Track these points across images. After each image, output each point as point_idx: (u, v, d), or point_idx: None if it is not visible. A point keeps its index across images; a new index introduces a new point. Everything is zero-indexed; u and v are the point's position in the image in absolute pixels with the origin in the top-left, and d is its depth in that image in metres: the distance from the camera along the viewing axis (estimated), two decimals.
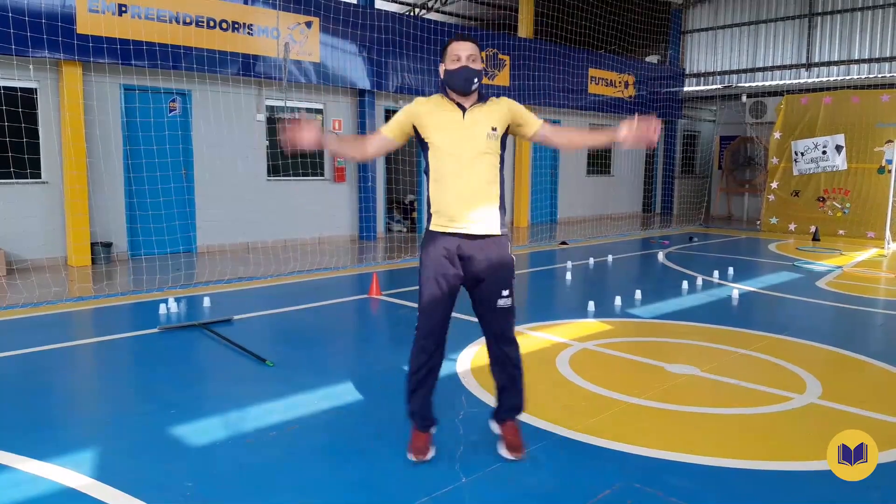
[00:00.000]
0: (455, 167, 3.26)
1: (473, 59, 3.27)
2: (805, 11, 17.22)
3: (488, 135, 3.28)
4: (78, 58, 8.71)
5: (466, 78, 3.25)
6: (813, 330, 6.26)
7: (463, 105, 3.31)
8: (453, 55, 3.27)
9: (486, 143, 3.28)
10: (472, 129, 3.28)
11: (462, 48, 3.27)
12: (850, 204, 14.06)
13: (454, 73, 3.26)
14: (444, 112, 3.31)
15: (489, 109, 3.34)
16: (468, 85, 3.26)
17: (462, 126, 3.28)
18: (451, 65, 3.27)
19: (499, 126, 3.32)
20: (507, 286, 3.39)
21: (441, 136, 3.29)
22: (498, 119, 3.33)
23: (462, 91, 3.28)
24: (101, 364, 5.33)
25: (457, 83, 3.26)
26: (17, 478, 3.23)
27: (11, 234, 8.67)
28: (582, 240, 12.99)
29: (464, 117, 3.29)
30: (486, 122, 3.30)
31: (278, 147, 11.08)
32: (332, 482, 3.24)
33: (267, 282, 8.26)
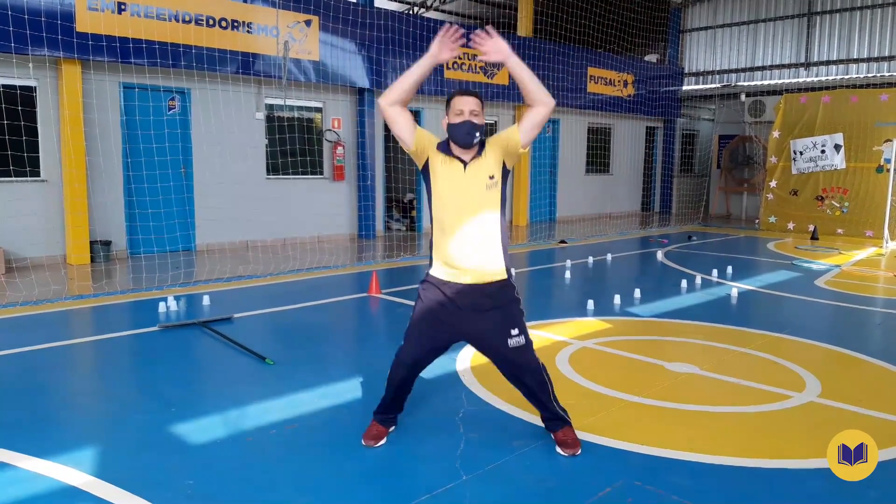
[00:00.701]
0: (457, 220, 3.33)
1: (475, 114, 3.33)
2: (804, 11, 17.23)
3: (487, 186, 3.35)
4: (77, 56, 8.70)
5: (468, 132, 3.30)
6: (812, 328, 6.28)
7: (464, 159, 3.36)
8: (456, 109, 3.33)
9: (486, 194, 3.35)
10: (472, 182, 3.35)
11: (464, 103, 3.33)
12: (849, 203, 14.08)
13: (457, 126, 3.32)
14: (448, 165, 3.37)
15: (485, 159, 3.38)
16: (470, 139, 3.31)
17: (463, 180, 3.35)
18: (455, 118, 3.33)
19: (496, 172, 3.38)
20: (515, 324, 3.40)
21: (444, 188, 3.37)
22: (494, 164, 3.39)
23: (464, 144, 3.34)
24: (100, 362, 5.33)
25: (460, 137, 3.32)
26: (18, 475, 3.24)
27: (11, 232, 8.66)
28: (581, 238, 13.00)
29: (465, 171, 3.35)
30: (484, 173, 3.36)
31: (287, 143, 11.09)
32: (331, 480, 3.24)
33: (266, 280, 8.26)
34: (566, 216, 16.66)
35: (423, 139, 3.40)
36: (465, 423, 3.88)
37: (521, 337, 3.41)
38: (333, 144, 11.95)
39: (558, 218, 16.52)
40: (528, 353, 3.45)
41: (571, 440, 3.50)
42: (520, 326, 3.42)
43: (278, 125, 11.20)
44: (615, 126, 17.77)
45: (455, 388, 4.46)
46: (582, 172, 17.16)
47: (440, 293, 3.39)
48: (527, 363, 3.46)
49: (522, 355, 3.43)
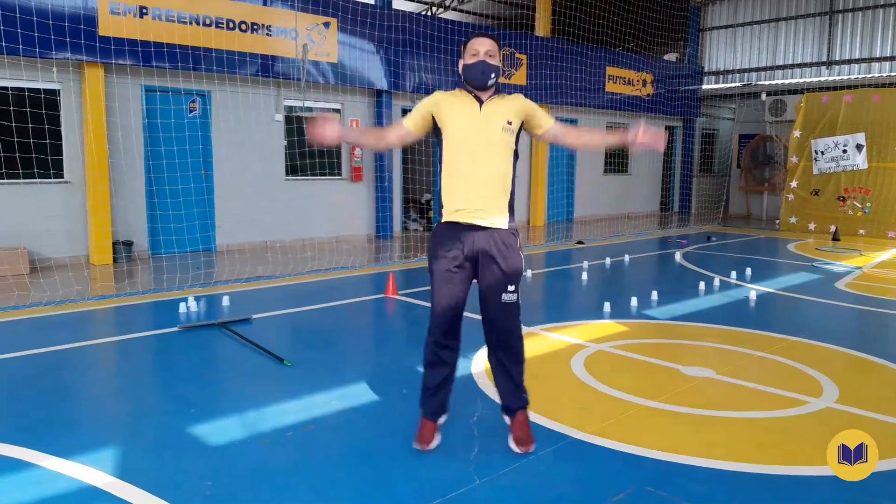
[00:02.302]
0: (469, 157, 3.32)
1: (491, 55, 3.32)
2: (826, 9, 17.03)
3: (503, 128, 3.34)
4: (100, 59, 8.84)
5: (483, 71, 3.31)
6: (831, 332, 6.22)
7: (480, 98, 3.37)
8: (472, 50, 3.34)
9: (501, 135, 3.34)
10: (488, 121, 3.34)
11: (481, 44, 3.33)
12: (871, 203, 13.91)
13: (472, 66, 3.33)
14: (461, 104, 3.37)
15: (505, 104, 3.39)
16: (485, 78, 3.32)
17: (478, 118, 3.34)
18: (470, 59, 3.34)
19: (514, 120, 3.38)
20: (512, 281, 3.40)
21: (457, 127, 3.35)
22: (514, 113, 3.39)
23: (479, 85, 3.34)
24: (122, 363, 5.42)
25: (474, 76, 3.32)
26: (41, 475, 3.31)
27: (35, 233, 8.82)
28: (598, 239, 12.96)
29: (480, 109, 3.35)
30: (502, 116, 3.35)
31: (306, 145, 11.18)
32: (347, 483, 3.28)
33: (285, 281, 8.34)
34: (584, 216, 16.62)
35: (419, 118, 3.42)
36: (480, 427, 3.90)
37: (514, 295, 3.40)
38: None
39: (576, 218, 16.48)
40: (515, 314, 3.44)
41: (525, 435, 3.50)
42: (516, 285, 3.41)
43: (297, 126, 11.28)
44: (634, 126, 17.64)
45: (470, 392, 4.48)
46: (600, 172, 17.10)
47: (450, 240, 3.36)
48: (512, 323, 3.44)
49: (511, 313, 3.42)
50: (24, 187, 8.76)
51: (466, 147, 3.32)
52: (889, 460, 3.47)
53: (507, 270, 3.37)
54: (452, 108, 3.38)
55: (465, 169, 3.32)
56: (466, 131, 3.33)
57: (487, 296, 3.42)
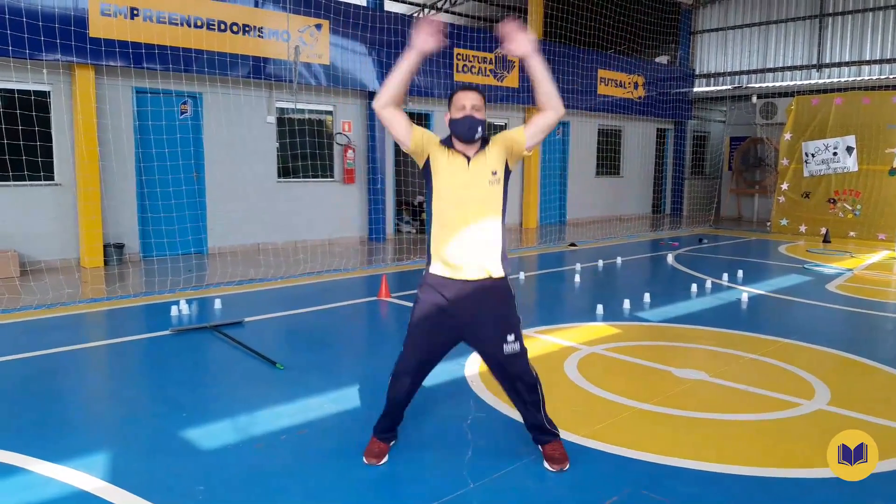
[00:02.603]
0: (459, 216, 3.30)
1: (477, 109, 3.30)
2: (816, 12, 17.14)
3: (490, 181, 3.33)
4: (90, 61, 8.80)
5: (470, 126, 3.29)
6: (822, 334, 6.25)
7: (467, 154, 3.35)
8: (458, 104, 3.32)
9: (488, 189, 3.33)
10: (475, 177, 3.32)
11: (466, 98, 3.31)
12: (861, 206, 14.00)
13: (459, 121, 3.30)
14: (450, 161, 3.35)
15: (489, 154, 3.36)
16: (472, 133, 3.30)
17: (466, 175, 3.32)
18: (456, 114, 3.31)
19: (499, 168, 3.36)
20: (511, 329, 3.37)
21: (446, 184, 3.34)
22: (496, 160, 3.36)
23: (466, 139, 3.32)
24: (113, 366, 5.39)
25: (461, 131, 3.30)
26: (31, 480, 3.29)
27: (25, 235, 8.76)
28: (591, 241, 12.99)
29: (468, 166, 3.33)
30: (487, 169, 3.34)
31: (298, 147, 11.14)
32: (340, 486, 3.27)
33: (277, 283, 8.31)
34: (576, 219, 16.65)
35: (421, 137, 3.38)
36: (473, 431, 3.90)
37: (516, 344, 3.38)
38: (344, 147, 12.00)
39: (568, 220, 16.51)
40: (521, 361, 3.41)
41: (560, 455, 3.46)
42: (516, 333, 3.39)
43: (289, 129, 11.26)
44: (626, 128, 17.74)
45: (463, 395, 4.48)
46: (592, 175, 17.13)
47: (438, 294, 3.35)
48: (520, 371, 3.41)
49: (516, 363, 3.39)
50: (14, 190, 8.70)
51: (455, 205, 3.31)
52: (883, 462, 3.48)
53: (501, 323, 3.36)
54: (443, 162, 3.35)
55: (455, 226, 3.30)
56: (455, 190, 3.32)
57: (488, 351, 3.41)
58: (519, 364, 3.40)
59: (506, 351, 3.36)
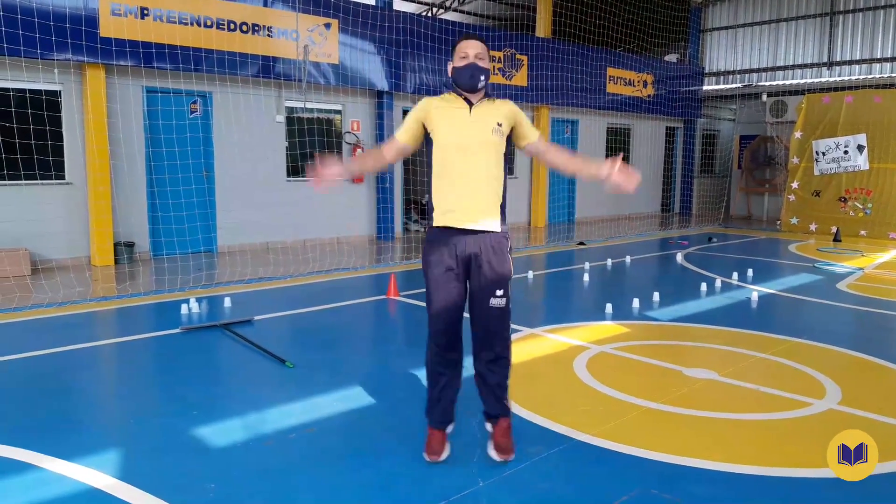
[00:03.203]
0: (459, 160, 3.29)
1: (481, 58, 3.31)
2: (826, 10, 17.03)
3: (493, 129, 3.32)
4: (101, 60, 8.84)
5: (472, 74, 3.29)
6: (833, 333, 6.22)
7: (470, 101, 3.36)
8: (461, 53, 3.33)
9: (491, 137, 3.31)
10: (478, 123, 3.32)
11: (470, 46, 3.32)
12: (872, 204, 13.91)
13: (461, 69, 3.31)
14: (451, 108, 3.36)
15: (495, 107, 3.38)
16: (474, 81, 3.31)
17: (468, 120, 3.33)
18: (459, 62, 3.33)
19: (504, 122, 3.36)
20: (501, 286, 3.36)
21: (447, 131, 3.33)
22: (504, 116, 3.37)
23: (469, 88, 3.33)
24: (123, 364, 5.42)
25: (463, 79, 3.31)
26: (43, 477, 3.31)
27: (36, 234, 8.82)
28: (600, 240, 12.96)
29: (471, 112, 3.33)
30: (492, 118, 3.33)
31: (307, 146, 11.17)
32: (349, 485, 3.28)
33: (286, 282, 8.34)
34: (585, 217, 16.62)
35: (411, 131, 3.40)
36: (482, 430, 3.89)
37: (503, 299, 3.36)
38: (353, 146, 12.01)
39: (577, 219, 16.48)
40: (503, 320, 3.39)
41: (506, 443, 3.44)
42: (505, 289, 3.36)
43: (298, 128, 11.28)
44: (635, 126, 17.68)
45: (472, 393, 4.46)
46: None
47: (443, 245, 3.33)
48: (499, 329, 3.38)
49: (499, 318, 3.37)
50: (25, 188, 8.76)
51: (457, 150, 3.30)
52: (893, 462, 3.47)
53: (495, 275, 3.34)
54: (442, 112, 3.35)
55: (456, 172, 3.30)
56: (457, 135, 3.31)
57: (476, 300, 3.39)
58: (500, 321, 3.38)
59: (491, 303, 3.34)
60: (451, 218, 3.31)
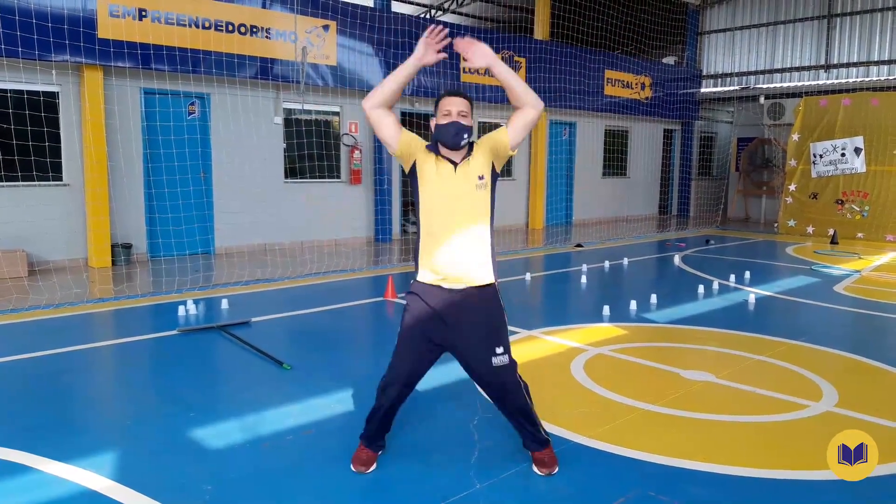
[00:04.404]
0: (445, 222, 3.24)
1: (464, 115, 3.25)
2: (824, 12, 17.07)
3: (477, 186, 3.28)
4: (99, 62, 8.84)
5: (456, 133, 3.23)
6: (830, 336, 6.23)
7: (454, 160, 3.29)
8: (444, 109, 3.26)
9: (475, 195, 3.27)
10: (462, 183, 3.26)
11: (453, 104, 3.26)
12: (869, 207, 13.94)
13: (444, 127, 3.24)
14: (437, 168, 3.28)
15: (475, 159, 3.31)
16: (458, 140, 3.24)
17: (453, 182, 3.26)
18: (442, 119, 3.25)
19: (485, 172, 3.30)
20: (500, 342, 3.30)
21: (434, 190, 3.27)
22: (483, 164, 3.31)
23: (452, 146, 3.26)
24: (121, 366, 5.41)
25: (447, 138, 3.24)
26: (40, 479, 3.30)
27: (33, 235, 8.80)
28: (597, 242, 12.97)
29: (455, 172, 3.27)
30: (474, 173, 3.28)
31: (305, 148, 11.17)
32: (347, 486, 3.28)
33: (284, 284, 8.33)
34: (582, 219, 16.63)
35: (408, 141, 3.31)
36: (480, 431, 3.90)
37: (505, 356, 3.29)
38: (350, 148, 12.02)
39: (575, 221, 16.49)
40: (510, 374, 3.34)
41: (549, 459, 3.41)
42: (504, 345, 3.31)
43: (296, 129, 11.28)
44: (632, 129, 17.71)
45: (469, 395, 4.48)
46: (599, 175, 17.11)
47: (426, 303, 3.28)
48: (509, 384, 3.34)
49: (505, 375, 3.32)
50: (22, 190, 8.74)
51: (443, 213, 3.25)
52: (891, 464, 3.47)
53: (491, 333, 3.29)
54: (429, 167, 3.29)
55: (442, 234, 3.25)
56: (442, 197, 3.26)
57: (475, 363, 3.32)
58: (507, 377, 3.33)
59: (494, 364, 3.28)
60: (438, 279, 3.27)
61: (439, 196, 3.27)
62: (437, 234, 3.26)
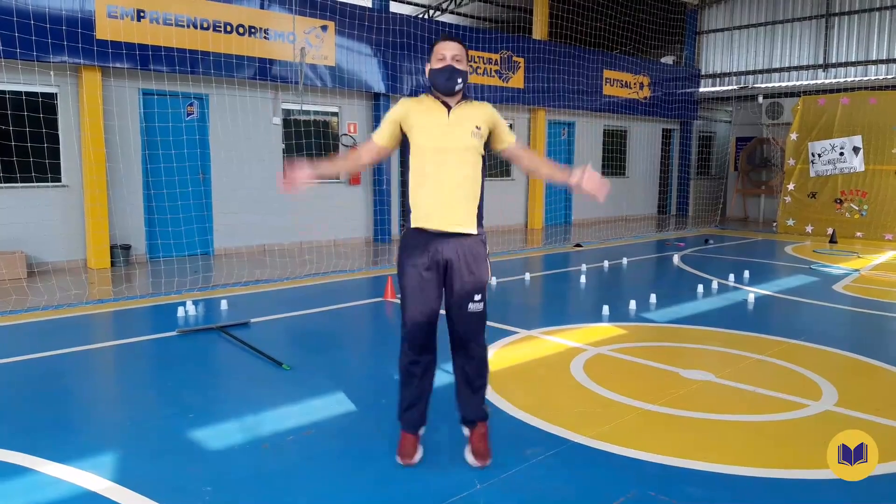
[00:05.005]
0: (437, 163, 3.26)
1: (458, 60, 3.26)
2: (822, 12, 17.08)
3: (472, 133, 3.28)
4: (97, 63, 8.83)
5: (450, 77, 3.25)
6: (829, 335, 6.23)
7: (448, 104, 3.31)
8: (438, 55, 3.28)
9: (469, 140, 3.28)
10: (456, 126, 3.28)
11: (447, 48, 3.27)
12: (868, 206, 13.94)
13: (438, 72, 3.26)
14: (429, 110, 3.31)
15: (473, 110, 3.33)
16: (451, 84, 3.26)
17: (446, 124, 3.28)
18: (436, 64, 3.28)
19: (482, 126, 3.32)
20: (479, 291, 3.35)
21: (425, 134, 3.29)
22: (482, 120, 3.33)
23: (446, 90, 3.28)
24: (120, 367, 5.40)
25: (440, 82, 3.26)
26: (39, 480, 3.30)
27: (32, 236, 8.79)
28: (596, 242, 12.97)
29: (448, 115, 3.29)
30: (470, 121, 3.29)
31: (304, 148, 11.16)
32: (347, 487, 3.27)
33: (283, 284, 8.33)
34: (582, 219, 16.63)
35: (388, 133, 3.37)
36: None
37: (480, 304, 3.35)
38: (349, 149, 12.01)
39: (574, 221, 16.49)
40: (479, 324, 3.39)
41: (484, 448, 3.43)
42: (482, 294, 3.36)
43: (295, 130, 11.27)
44: (631, 128, 17.71)
45: None
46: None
47: (418, 247, 3.30)
48: (475, 333, 3.39)
49: (475, 323, 3.37)
50: (21, 191, 8.73)
51: (435, 153, 3.27)
52: (890, 463, 3.48)
53: (473, 281, 3.32)
54: (419, 114, 3.31)
55: (433, 175, 3.26)
56: (435, 138, 3.27)
57: (453, 305, 3.37)
58: (476, 326, 3.38)
59: (469, 309, 3.33)
60: (428, 221, 3.28)
61: (431, 137, 3.28)
62: (428, 176, 3.28)
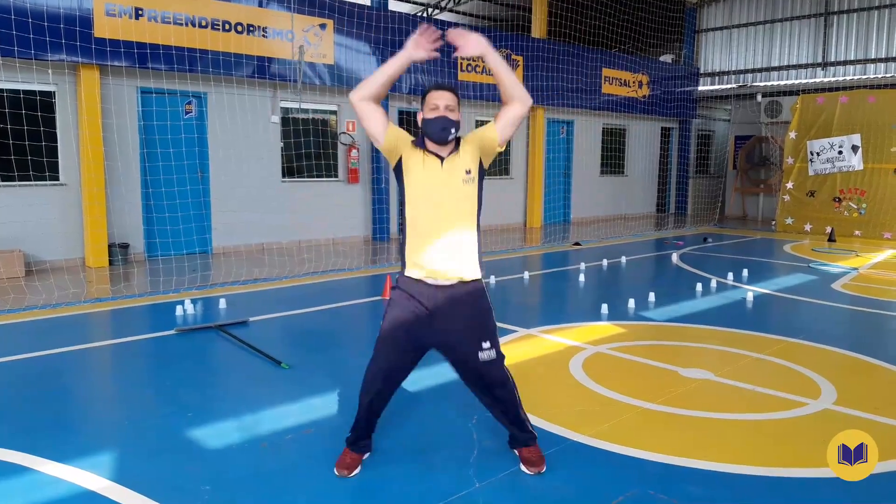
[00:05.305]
0: (432, 217, 3.22)
1: (451, 109, 3.21)
2: (821, 10, 17.08)
3: (464, 180, 3.25)
4: (95, 61, 8.81)
5: (444, 128, 3.20)
6: (828, 333, 6.23)
7: (440, 155, 3.26)
8: (431, 104, 3.22)
9: (462, 189, 3.25)
10: (449, 177, 3.24)
11: (440, 98, 3.22)
12: (867, 204, 13.95)
13: (432, 122, 3.21)
14: (424, 162, 3.26)
15: (462, 154, 3.28)
16: (445, 135, 3.21)
17: (440, 176, 3.24)
18: (429, 114, 3.22)
19: (472, 167, 3.28)
20: (486, 337, 3.29)
21: (420, 185, 3.25)
22: (471, 160, 3.28)
23: (439, 141, 3.23)
24: (118, 366, 5.39)
25: (434, 132, 3.21)
26: (38, 479, 3.29)
27: (30, 235, 8.77)
28: (595, 240, 12.97)
29: (442, 166, 3.25)
30: (461, 168, 3.26)
31: (302, 147, 11.15)
32: (346, 486, 3.27)
33: (282, 283, 8.32)
34: (581, 218, 16.62)
35: (395, 136, 3.28)
36: (479, 430, 3.89)
37: (492, 351, 3.29)
38: (348, 147, 12.00)
39: (573, 219, 16.49)
40: (498, 368, 3.34)
41: (537, 458, 3.41)
42: (491, 339, 3.30)
43: (293, 128, 11.26)
44: (630, 127, 17.71)
45: (467, 394, 4.45)
46: (597, 174, 17.10)
47: (412, 298, 3.26)
48: (497, 379, 3.34)
49: (492, 370, 3.32)
50: (19, 189, 8.72)
51: (429, 206, 3.23)
52: (889, 462, 3.48)
53: (478, 328, 3.28)
54: (416, 163, 3.26)
55: (428, 228, 3.23)
56: (429, 190, 3.24)
57: (461, 360, 3.32)
58: (495, 372, 3.33)
59: (481, 358, 3.27)
60: (424, 275, 3.25)
61: (426, 190, 3.25)
62: (423, 229, 3.24)
